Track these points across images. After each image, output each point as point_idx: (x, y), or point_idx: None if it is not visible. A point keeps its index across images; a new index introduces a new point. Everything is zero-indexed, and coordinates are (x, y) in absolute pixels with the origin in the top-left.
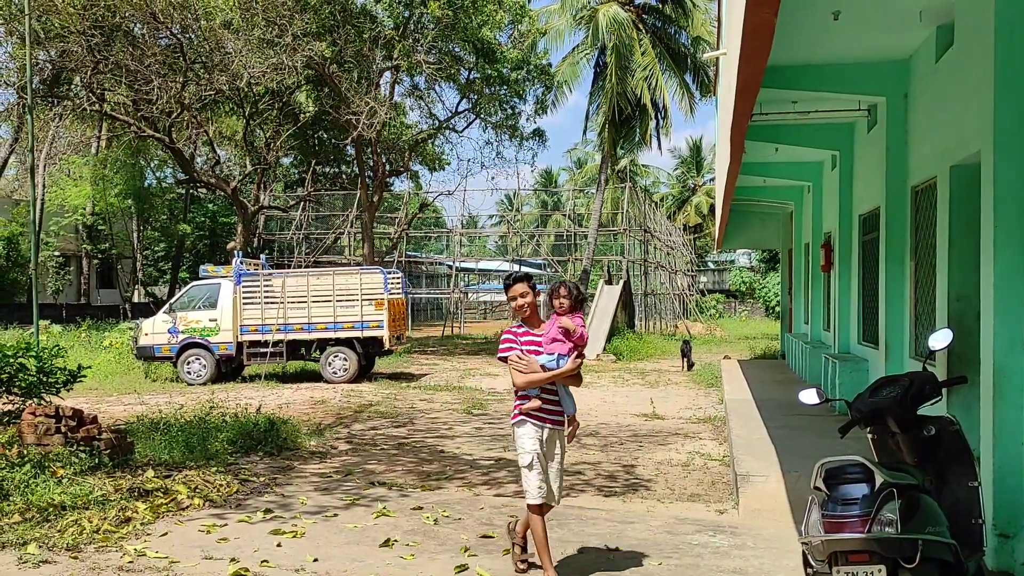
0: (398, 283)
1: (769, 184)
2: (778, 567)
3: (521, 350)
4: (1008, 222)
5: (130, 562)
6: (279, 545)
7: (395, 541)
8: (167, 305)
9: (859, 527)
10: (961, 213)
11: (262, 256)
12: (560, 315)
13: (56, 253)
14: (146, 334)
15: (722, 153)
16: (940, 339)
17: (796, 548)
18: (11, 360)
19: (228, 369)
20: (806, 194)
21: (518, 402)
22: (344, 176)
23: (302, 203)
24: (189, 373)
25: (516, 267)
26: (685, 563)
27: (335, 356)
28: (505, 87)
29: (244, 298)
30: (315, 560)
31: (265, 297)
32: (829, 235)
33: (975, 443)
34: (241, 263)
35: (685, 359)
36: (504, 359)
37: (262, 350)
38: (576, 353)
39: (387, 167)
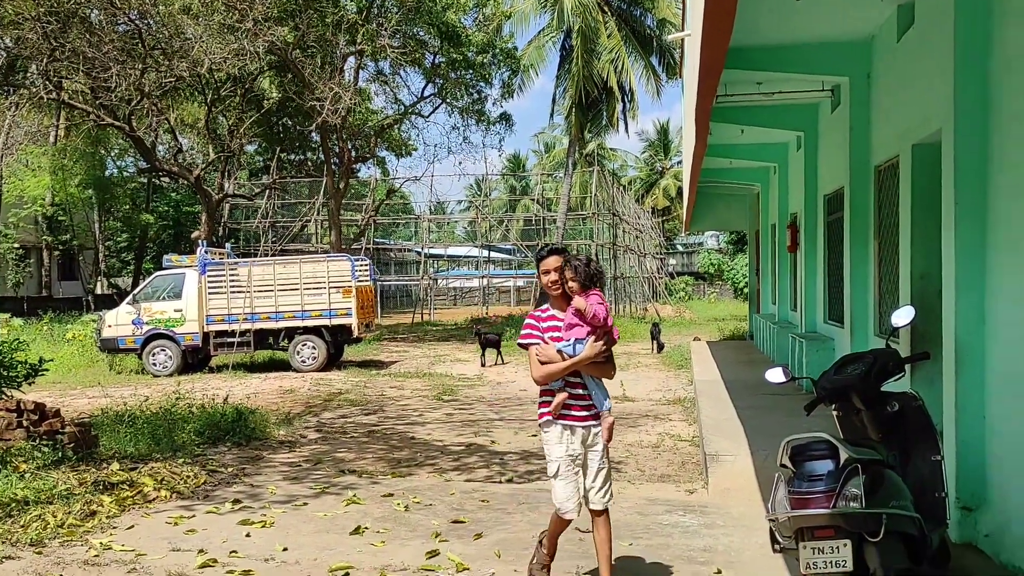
0: (366, 270)
1: (736, 166)
2: (747, 545)
3: (543, 337)
4: (968, 199)
5: (96, 556)
6: (248, 535)
7: (365, 528)
8: (131, 296)
9: (824, 503)
10: (923, 192)
11: (227, 245)
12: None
13: (15, 245)
14: (110, 326)
15: (688, 135)
16: (903, 316)
17: (764, 526)
18: None
19: (195, 360)
20: (772, 175)
21: (542, 399)
22: (310, 163)
23: (267, 191)
24: (155, 364)
25: (485, 253)
26: (656, 543)
27: (303, 345)
28: (471, 71)
29: (209, 288)
30: (284, 549)
31: (231, 286)
32: (795, 216)
33: (938, 418)
34: (206, 252)
35: (655, 341)
36: (524, 347)
37: (229, 340)
38: (596, 336)
39: (353, 153)
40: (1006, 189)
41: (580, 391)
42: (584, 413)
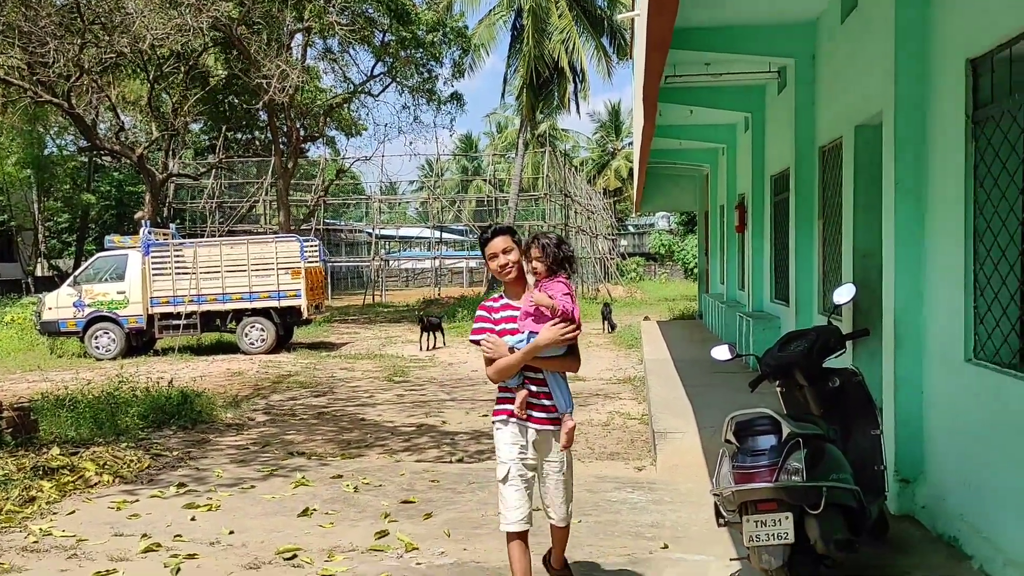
0: (315, 251)
1: (685, 147)
2: (693, 520)
3: (495, 331)
4: (907, 180)
5: (35, 542)
6: (193, 519)
7: (314, 510)
8: (72, 278)
9: (767, 477)
10: (865, 172)
11: (172, 226)
12: (537, 283)
13: None
14: (50, 308)
15: (637, 114)
16: (844, 294)
17: (711, 501)
18: None
19: (139, 343)
20: (721, 156)
21: (500, 395)
22: (257, 142)
23: (213, 170)
24: (97, 348)
25: (437, 234)
26: (604, 520)
27: (252, 327)
28: (421, 50)
29: (154, 269)
30: (231, 532)
31: (176, 268)
32: (743, 196)
33: (878, 393)
34: (149, 233)
35: (606, 321)
36: (476, 343)
37: (175, 322)
38: (557, 321)
39: (302, 133)
40: (943, 170)
41: (540, 388)
42: (543, 415)
